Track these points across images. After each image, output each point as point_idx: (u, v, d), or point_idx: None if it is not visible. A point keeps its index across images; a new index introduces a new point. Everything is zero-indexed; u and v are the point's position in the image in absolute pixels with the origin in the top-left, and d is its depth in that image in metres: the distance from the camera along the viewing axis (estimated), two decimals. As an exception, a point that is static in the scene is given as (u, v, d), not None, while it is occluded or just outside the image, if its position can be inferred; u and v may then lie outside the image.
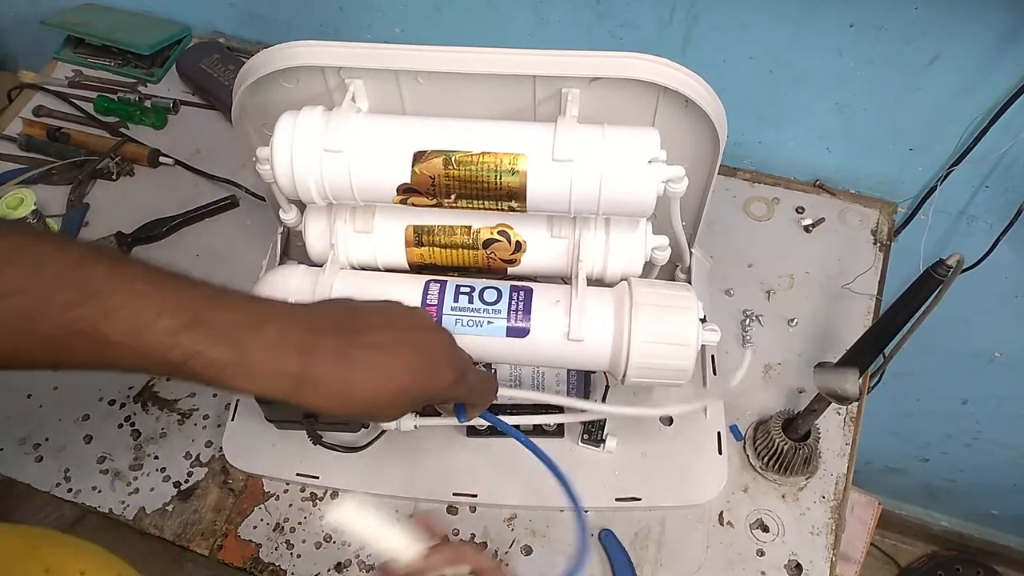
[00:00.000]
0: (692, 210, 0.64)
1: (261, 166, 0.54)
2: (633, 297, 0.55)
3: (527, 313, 0.56)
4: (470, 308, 0.56)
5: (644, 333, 0.54)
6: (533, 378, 0.69)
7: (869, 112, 0.79)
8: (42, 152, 0.92)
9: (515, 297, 0.56)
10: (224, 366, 0.40)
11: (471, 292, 0.55)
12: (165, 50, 1.00)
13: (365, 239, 0.61)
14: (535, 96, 0.55)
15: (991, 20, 0.66)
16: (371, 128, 0.54)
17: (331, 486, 0.68)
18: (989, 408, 1.11)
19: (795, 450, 0.66)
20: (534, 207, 0.53)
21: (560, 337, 0.56)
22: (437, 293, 0.56)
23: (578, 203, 0.53)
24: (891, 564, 1.52)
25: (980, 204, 0.82)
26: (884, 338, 0.58)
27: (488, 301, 0.55)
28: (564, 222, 0.59)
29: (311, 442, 0.67)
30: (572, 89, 0.54)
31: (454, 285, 0.56)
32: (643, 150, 0.52)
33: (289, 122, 0.53)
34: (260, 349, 0.41)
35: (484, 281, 0.57)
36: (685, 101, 0.53)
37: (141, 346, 0.38)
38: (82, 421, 0.73)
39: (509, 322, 0.56)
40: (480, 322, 0.56)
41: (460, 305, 0.56)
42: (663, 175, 0.52)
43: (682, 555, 0.65)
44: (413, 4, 0.87)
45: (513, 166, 0.52)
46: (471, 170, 0.52)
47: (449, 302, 0.56)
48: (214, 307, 0.41)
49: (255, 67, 0.55)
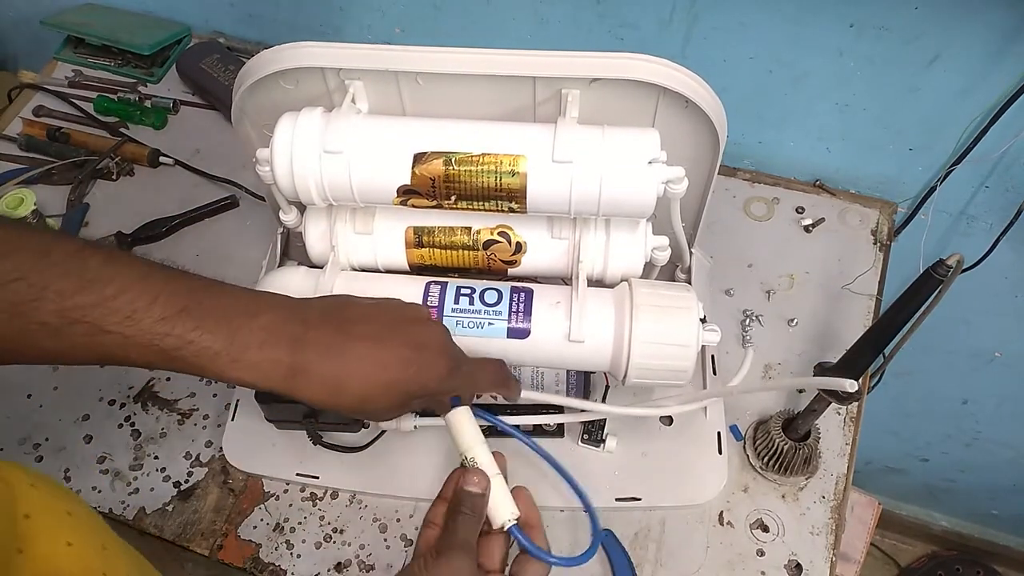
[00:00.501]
0: (692, 210, 0.64)
1: (261, 167, 0.54)
2: (633, 298, 0.55)
3: (528, 314, 0.56)
4: (471, 310, 0.56)
5: (645, 334, 0.54)
6: (532, 378, 0.69)
7: (869, 112, 0.79)
8: (42, 152, 0.92)
9: (516, 299, 0.56)
10: (216, 355, 0.41)
11: (471, 294, 0.56)
12: (165, 50, 1.00)
13: (365, 240, 0.60)
14: (535, 97, 0.55)
15: (991, 20, 0.66)
16: (371, 129, 0.54)
17: (331, 486, 0.68)
18: (989, 408, 1.11)
19: (795, 450, 0.66)
20: (534, 208, 0.53)
21: (561, 338, 0.56)
22: (438, 295, 0.56)
23: (578, 204, 0.53)
24: (891, 564, 1.52)
25: (980, 204, 0.82)
26: (884, 338, 0.58)
27: (489, 302, 0.55)
28: (564, 223, 0.59)
29: (311, 442, 0.67)
30: (572, 90, 0.54)
31: (455, 287, 0.56)
32: (643, 151, 0.51)
33: (289, 123, 0.53)
34: (253, 337, 0.42)
35: (485, 282, 0.57)
36: (685, 102, 0.53)
37: (135, 334, 0.39)
38: (82, 421, 0.73)
39: (510, 323, 0.56)
40: (481, 323, 0.56)
41: (461, 307, 0.56)
42: (663, 176, 0.52)
43: (682, 555, 0.65)
44: (413, 4, 0.87)
45: (513, 167, 0.52)
46: (471, 171, 0.52)
47: (450, 303, 0.56)
48: (207, 296, 0.42)
49: (255, 68, 0.55)
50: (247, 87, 0.55)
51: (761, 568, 0.64)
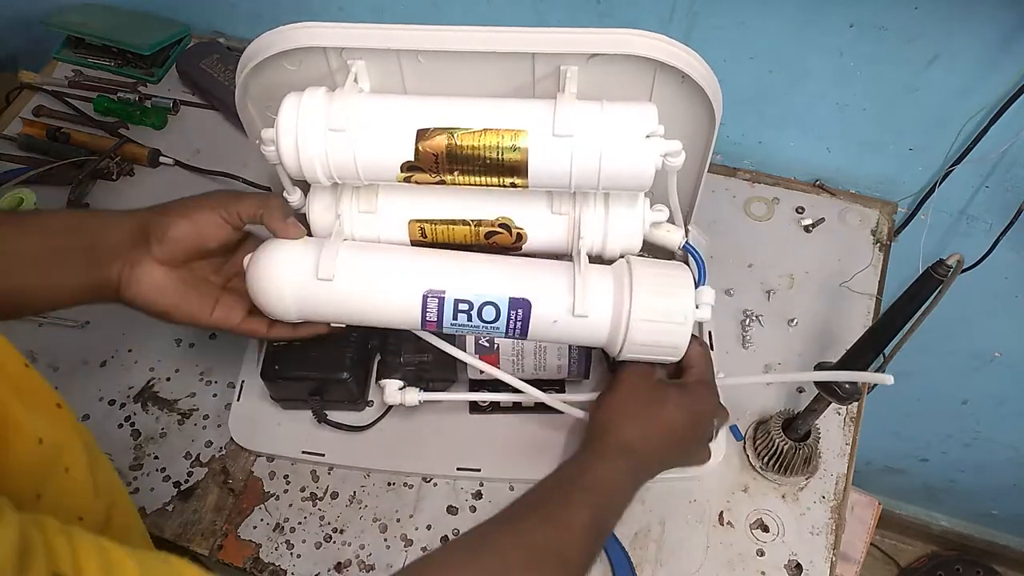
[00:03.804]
0: (689, 186, 0.64)
1: (266, 147, 0.54)
2: (632, 276, 0.55)
3: (524, 331, 0.57)
4: (469, 326, 0.57)
5: (642, 312, 0.54)
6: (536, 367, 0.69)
7: (869, 112, 0.79)
8: (42, 152, 0.92)
9: (513, 317, 0.56)
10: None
11: (469, 310, 0.56)
12: (165, 50, 1.00)
13: (369, 219, 0.61)
14: (534, 74, 0.56)
15: (991, 20, 0.66)
16: (374, 107, 0.55)
17: (337, 463, 0.69)
18: (989, 408, 1.11)
19: (795, 450, 0.66)
20: (536, 182, 0.54)
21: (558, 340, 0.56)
22: (436, 309, 0.56)
23: (578, 177, 0.53)
24: (891, 564, 1.52)
25: (980, 204, 0.82)
26: (884, 338, 0.58)
27: (487, 320, 0.56)
28: (564, 198, 0.59)
29: (316, 421, 0.69)
30: (571, 66, 0.55)
31: (452, 300, 0.56)
32: (641, 124, 0.52)
33: (293, 103, 0.53)
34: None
35: (482, 292, 0.56)
36: (681, 77, 0.54)
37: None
38: (82, 421, 0.73)
39: (507, 336, 0.57)
40: (480, 332, 0.58)
41: (460, 323, 0.56)
42: (661, 149, 0.52)
43: (682, 555, 0.65)
44: (413, 4, 0.87)
45: (515, 142, 0.52)
46: (473, 146, 0.53)
47: (448, 318, 0.56)
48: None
49: (259, 49, 0.55)
50: (251, 68, 0.56)
51: (761, 568, 0.64)
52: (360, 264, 0.57)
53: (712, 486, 0.68)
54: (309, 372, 0.66)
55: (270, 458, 0.71)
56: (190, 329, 0.77)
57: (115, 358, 0.77)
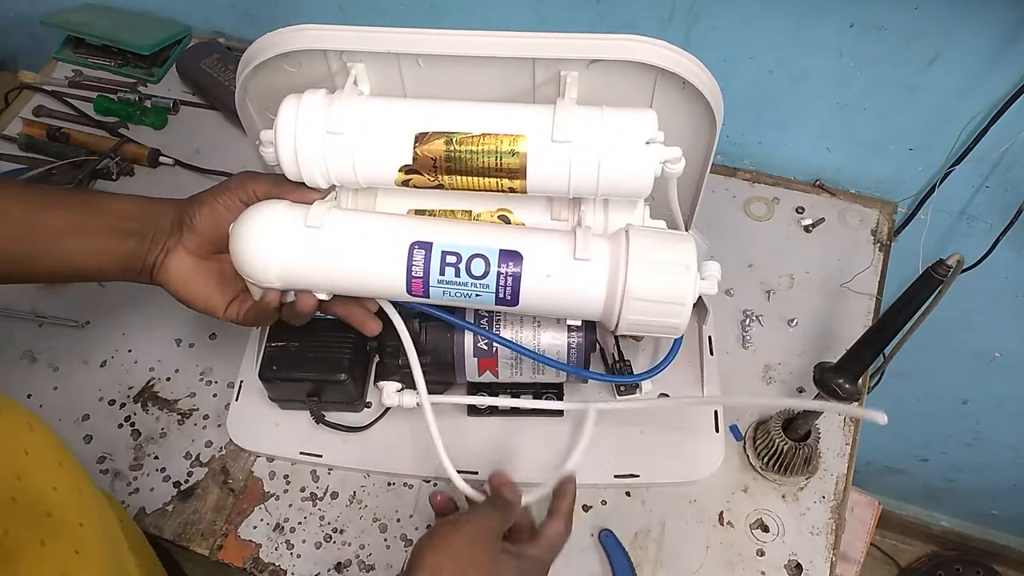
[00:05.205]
0: (689, 192, 0.64)
1: (265, 149, 0.54)
2: (630, 250, 0.53)
3: (515, 291, 0.54)
4: (457, 282, 0.54)
5: (638, 290, 0.52)
6: (534, 369, 0.68)
7: (869, 112, 0.79)
8: (42, 152, 0.92)
9: (504, 271, 0.54)
10: None
11: (457, 263, 0.54)
12: (165, 50, 1.00)
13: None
14: (534, 79, 0.56)
15: (991, 20, 0.66)
16: (373, 110, 0.54)
17: (334, 464, 0.69)
18: (989, 408, 1.11)
19: (795, 450, 0.66)
20: (534, 188, 0.54)
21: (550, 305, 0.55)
22: (422, 262, 0.54)
23: (577, 183, 0.53)
24: (891, 564, 1.52)
25: (980, 204, 0.82)
26: (884, 338, 0.58)
27: (476, 275, 0.54)
28: (563, 204, 0.59)
29: (314, 421, 0.69)
30: (571, 72, 0.55)
31: (439, 251, 0.54)
32: (641, 131, 0.52)
33: (292, 105, 0.53)
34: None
35: (471, 243, 0.55)
36: (682, 83, 0.53)
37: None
38: (82, 421, 0.73)
39: (498, 295, 0.54)
40: (468, 294, 0.55)
41: (447, 278, 0.54)
42: (661, 156, 0.52)
43: (682, 555, 0.65)
44: (413, 4, 0.87)
45: (513, 147, 0.52)
46: (472, 151, 0.52)
47: (435, 274, 0.54)
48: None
49: (259, 50, 0.55)
50: (251, 69, 0.56)
51: (761, 568, 0.64)
52: (348, 219, 0.55)
53: (712, 486, 0.68)
54: (307, 373, 0.66)
55: (270, 458, 0.71)
56: (190, 329, 0.77)
57: (115, 358, 0.77)
